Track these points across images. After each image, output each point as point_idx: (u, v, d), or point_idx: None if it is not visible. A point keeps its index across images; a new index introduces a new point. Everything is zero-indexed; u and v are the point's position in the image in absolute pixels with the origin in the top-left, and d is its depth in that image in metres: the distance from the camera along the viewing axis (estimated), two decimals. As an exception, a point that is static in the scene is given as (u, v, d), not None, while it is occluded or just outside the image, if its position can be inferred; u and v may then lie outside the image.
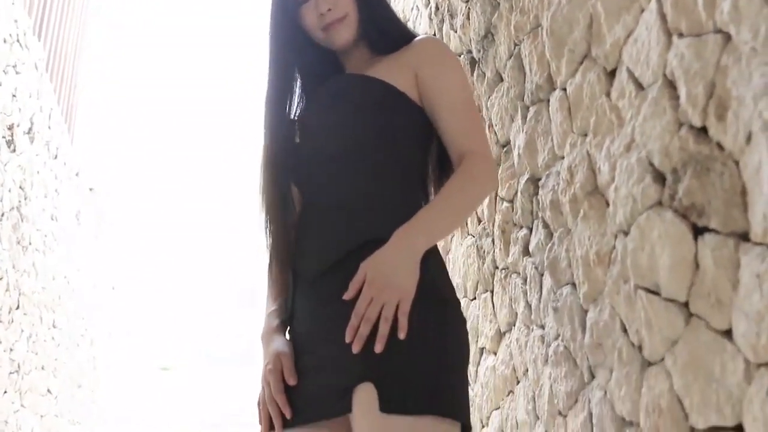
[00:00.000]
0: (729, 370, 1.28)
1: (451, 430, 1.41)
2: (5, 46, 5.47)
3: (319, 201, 1.64)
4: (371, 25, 1.76)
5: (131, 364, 11.39)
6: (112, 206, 10.02)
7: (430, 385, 1.40)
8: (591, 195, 1.84)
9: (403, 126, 1.66)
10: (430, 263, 1.51)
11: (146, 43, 12.00)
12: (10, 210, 5.70)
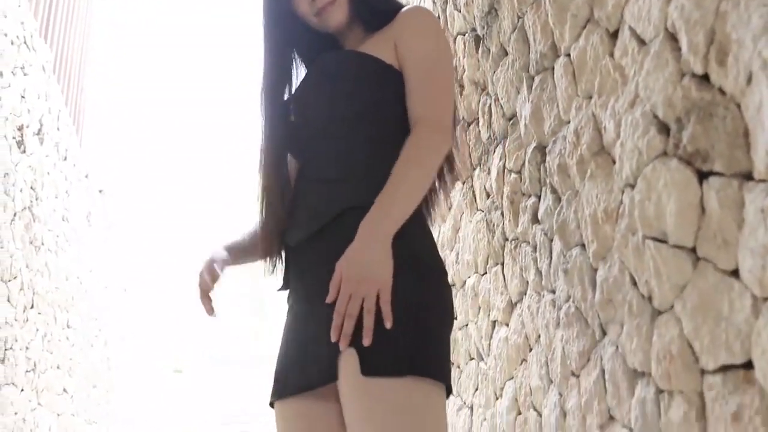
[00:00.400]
0: (737, 308, 1.31)
1: (432, 390, 1.45)
2: (13, 48, 5.52)
3: (308, 174, 1.68)
4: (362, 4, 1.78)
5: (144, 366, 11.43)
6: (122, 208, 10.07)
7: (410, 347, 1.43)
8: (597, 155, 1.88)
9: (387, 97, 1.66)
10: (408, 234, 1.53)
11: (151, 44, 12.04)
12: (22, 210, 5.75)
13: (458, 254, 3.31)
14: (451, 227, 3.42)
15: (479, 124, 2.97)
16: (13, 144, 5.53)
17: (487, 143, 2.86)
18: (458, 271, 3.31)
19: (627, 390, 1.74)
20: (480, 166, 2.95)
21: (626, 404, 1.75)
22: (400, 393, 1.41)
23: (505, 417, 2.66)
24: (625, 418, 1.76)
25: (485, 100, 2.87)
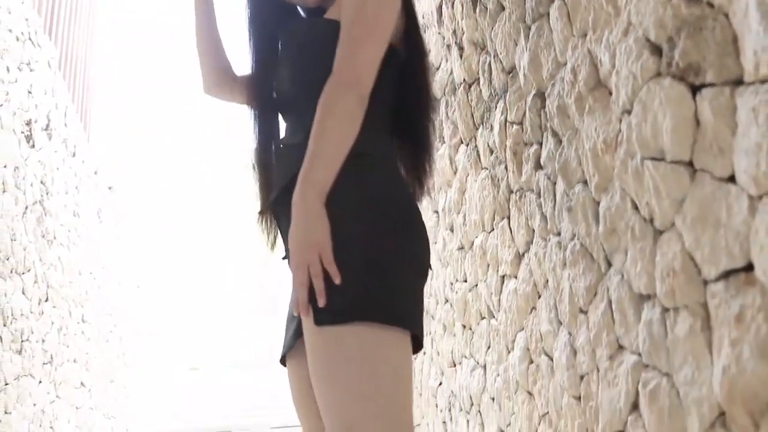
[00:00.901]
0: (734, 212, 1.34)
1: (388, 337, 1.45)
2: (18, 44, 5.58)
3: (283, 139, 1.73)
4: None
5: (160, 363, 11.51)
6: (132, 205, 10.14)
7: (360, 294, 1.45)
8: (594, 89, 1.91)
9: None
10: (349, 180, 1.53)
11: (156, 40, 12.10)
12: (33, 204, 5.81)
13: (465, 216, 3.34)
14: (457, 190, 3.45)
15: (480, 83, 3.00)
16: (22, 138, 5.58)
17: (489, 100, 2.89)
18: (466, 233, 3.35)
19: (634, 316, 1.77)
20: (483, 124, 2.98)
21: (633, 330, 1.78)
22: (348, 340, 1.43)
23: (517, 368, 2.69)
24: (633, 344, 1.79)
25: (485, 59, 2.90)
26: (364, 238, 1.50)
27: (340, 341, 1.43)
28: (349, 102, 1.54)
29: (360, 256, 1.48)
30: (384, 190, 1.58)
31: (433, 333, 4.28)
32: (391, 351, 1.45)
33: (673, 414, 1.59)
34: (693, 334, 1.49)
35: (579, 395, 2.15)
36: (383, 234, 1.52)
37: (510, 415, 2.83)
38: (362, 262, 1.48)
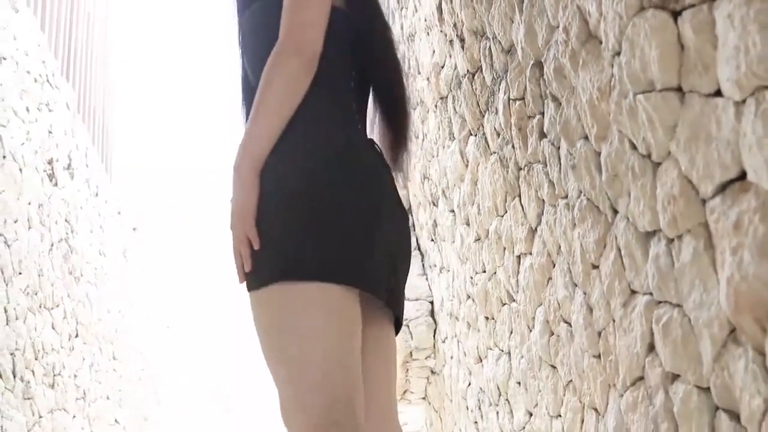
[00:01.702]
0: (723, 122, 1.36)
1: (307, 293, 1.44)
2: (36, 85, 5.73)
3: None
4: None
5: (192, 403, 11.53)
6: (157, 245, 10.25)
7: (273, 255, 1.46)
8: (586, 42, 1.95)
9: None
10: (282, 148, 1.54)
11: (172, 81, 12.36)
12: (59, 241, 5.92)
13: (479, 205, 3.37)
14: (469, 182, 3.49)
15: (483, 70, 3.05)
16: (45, 177, 5.70)
17: (492, 85, 2.93)
18: (481, 223, 3.37)
19: (642, 256, 1.79)
20: (488, 110, 3.03)
21: (643, 271, 1.80)
22: (269, 303, 1.45)
23: (539, 343, 2.71)
24: (643, 285, 1.80)
25: (485, 44, 2.96)
26: (270, 210, 1.49)
27: (263, 306, 1.46)
28: (289, 69, 1.53)
29: (279, 219, 1.48)
30: (312, 155, 1.55)
31: (458, 334, 4.29)
32: (307, 306, 1.43)
33: (687, 342, 1.60)
34: (697, 255, 1.51)
35: (598, 353, 2.16)
36: (303, 196, 1.50)
37: (536, 394, 2.83)
38: (281, 225, 1.48)
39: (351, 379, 1.43)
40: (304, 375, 1.40)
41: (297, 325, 1.42)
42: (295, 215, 1.48)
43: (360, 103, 1.71)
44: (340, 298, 1.45)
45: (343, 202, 1.51)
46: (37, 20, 6.02)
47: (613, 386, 2.08)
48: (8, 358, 4.61)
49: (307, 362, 1.41)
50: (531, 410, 2.93)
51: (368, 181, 1.57)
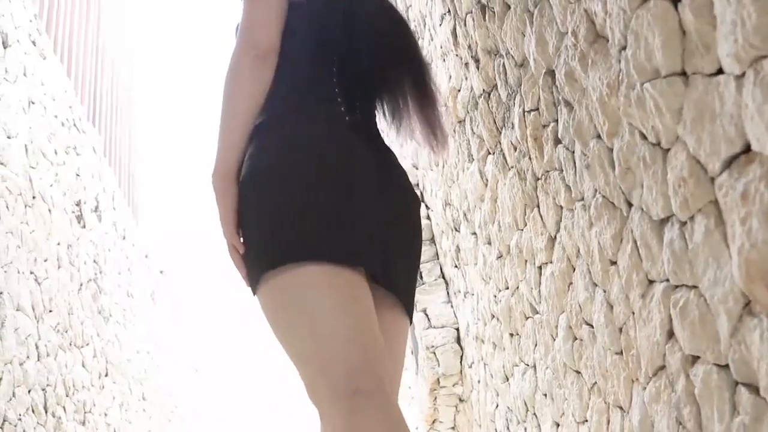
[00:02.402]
0: (725, 97, 1.41)
1: (287, 280, 1.46)
2: (64, 129, 5.89)
3: None
4: None
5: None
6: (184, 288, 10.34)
7: (254, 254, 1.54)
8: (594, 42, 2.01)
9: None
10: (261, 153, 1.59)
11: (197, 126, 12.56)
12: (88, 281, 6.02)
13: (499, 223, 3.42)
14: (489, 200, 3.54)
15: (497, 87, 3.12)
16: (73, 218, 5.82)
17: (507, 100, 3.00)
18: (502, 239, 3.42)
19: (657, 244, 1.83)
20: (504, 126, 3.09)
21: (659, 259, 1.83)
22: (267, 301, 1.50)
23: (562, 350, 2.73)
24: (660, 273, 1.84)
25: (499, 62, 3.03)
26: (253, 201, 1.55)
27: (266, 302, 1.51)
28: (240, 70, 1.58)
29: (252, 219, 1.55)
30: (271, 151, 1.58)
31: (484, 356, 4.30)
32: (295, 293, 1.45)
33: (704, 322, 1.63)
34: (708, 233, 1.55)
35: (620, 349, 2.19)
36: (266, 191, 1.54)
37: (562, 403, 2.85)
38: (254, 224, 1.54)
39: (366, 341, 1.42)
40: (317, 352, 1.42)
41: (297, 307, 1.45)
42: (261, 211, 1.53)
43: (348, 86, 1.72)
44: (328, 272, 1.46)
45: (306, 186, 1.53)
46: (64, 67, 6.20)
47: (636, 381, 2.10)
48: (40, 393, 4.68)
49: (317, 339, 1.42)
50: (558, 420, 2.94)
51: (333, 167, 1.57)
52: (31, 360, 4.59)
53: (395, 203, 1.71)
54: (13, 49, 4.85)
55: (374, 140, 1.76)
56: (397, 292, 1.65)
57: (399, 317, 1.68)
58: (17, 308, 4.50)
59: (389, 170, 1.74)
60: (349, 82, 1.75)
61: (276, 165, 1.56)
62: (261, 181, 1.55)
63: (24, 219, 4.79)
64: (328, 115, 1.68)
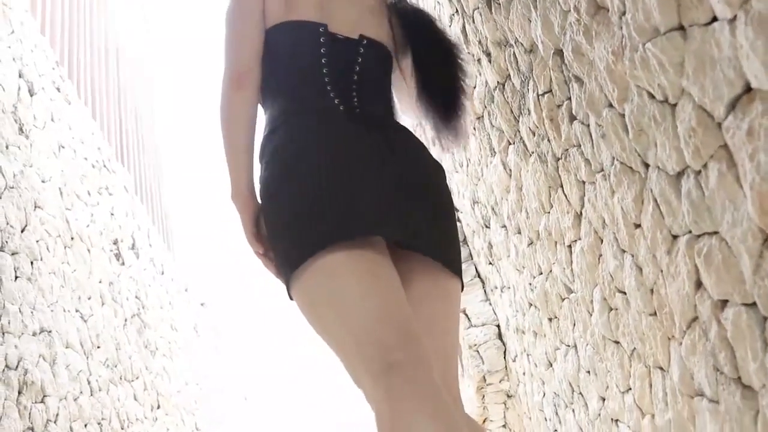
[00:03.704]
0: (722, 44, 1.48)
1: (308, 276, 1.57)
2: (95, 171, 6.04)
3: None
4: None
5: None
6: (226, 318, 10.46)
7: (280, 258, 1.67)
8: (596, 14, 2.08)
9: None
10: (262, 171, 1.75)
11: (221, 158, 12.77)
12: (132, 317, 6.15)
13: (527, 210, 3.48)
14: (515, 189, 3.60)
15: (511, 77, 3.19)
16: (112, 256, 5.96)
17: (521, 88, 3.07)
18: (531, 225, 3.48)
19: (676, 199, 1.89)
20: (521, 113, 3.16)
21: (679, 212, 1.89)
22: (299, 301, 1.61)
23: (600, 323, 2.78)
24: (682, 226, 1.89)
25: (509, 52, 3.11)
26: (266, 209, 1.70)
27: (300, 301, 1.61)
28: (223, 92, 1.77)
29: (269, 227, 1.69)
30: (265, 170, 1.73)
31: (527, 347, 4.35)
32: (317, 286, 1.55)
33: (728, 265, 1.69)
34: (722, 177, 1.61)
35: (654, 310, 2.24)
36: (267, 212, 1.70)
37: (605, 376, 2.89)
38: (271, 230, 1.69)
39: (392, 317, 1.49)
40: (348, 338, 1.49)
41: (323, 300, 1.54)
42: (274, 222, 1.67)
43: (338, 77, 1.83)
44: (342, 257, 1.54)
45: (304, 188, 1.64)
46: (89, 110, 6.37)
47: (672, 338, 2.15)
48: (96, 427, 4.79)
49: (345, 326, 1.50)
50: (603, 394, 2.98)
51: (325, 161, 1.67)
52: (84, 395, 4.71)
53: (407, 172, 1.74)
54: (38, 96, 5.01)
55: (375, 124, 1.82)
56: (433, 252, 1.70)
57: (441, 278, 1.71)
58: (66, 345, 4.62)
59: (394, 146, 1.79)
60: (340, 73, 1.86)
61: (277, 176, 1.69)
62: (269, 194, 1.69)
63: (65, 259, 4.93)
64: (319, 110, 1.79)
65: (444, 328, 1.72)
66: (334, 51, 1.86)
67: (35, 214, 4.58)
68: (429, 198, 1.76)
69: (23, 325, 4.00)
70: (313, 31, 1.86)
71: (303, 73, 1.84)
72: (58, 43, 6.00)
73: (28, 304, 4.16)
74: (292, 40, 1.86)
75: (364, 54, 1.89)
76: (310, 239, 1.57)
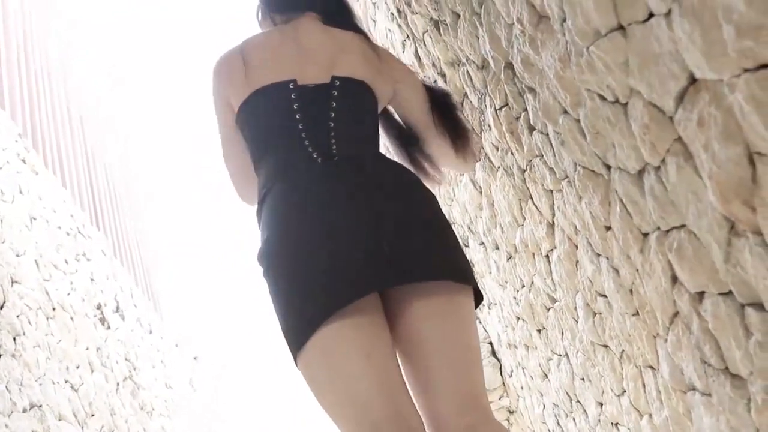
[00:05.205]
0: (660, 37, 1.48)
1: (303, 365, 1.71)
2: (70, 239, 6.00)
3: None
4: None
5: None
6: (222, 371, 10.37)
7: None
8: (539, 23, 2.09)
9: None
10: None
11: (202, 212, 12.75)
12: (124, 380, 6.07)
13: (500, 225, 3.47)
14: (487, 206, 3.60)
15: (468, 95, 3.20)
16: (96, 322, 5.90)
17: (479, 104, 3.08)
18: (507, 239, 3.47)
19: (641, 197, 1.88)
20: (482, 129, 3.16)
21: (645, 210, 1.89)
22: (302, 372, 1.72)
23: (586, 329, 2.76)
24: (650, 223, 1.89)
25: (463, 70, 3.12)
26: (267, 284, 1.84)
27: (302, 376, 1.72)
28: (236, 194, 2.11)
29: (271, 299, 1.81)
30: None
31: (521, 361, 4.32)
32: (313, 372, 1.68)
33: (699, 256, 1.68)
34: (680, 169, 1.61)
35: (635, 310, 2.23)
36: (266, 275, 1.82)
37: (599, 381, 2.87)
38: (273, 305, 1.80)
39: (385, 394, 1.64)
40: (344, 417, 1.64)
41: (317, 383, 1.69)
42: (270, 291, 1.80)
43: (314, 125, 1.90)
44: (329, 338, 1.66)
45: (284, 270, 1.77)
46: (58, 179, 6.34)
47: (657, 336, 2.14)
48: (100, 497, 4.71)
49: (342, 400, 1.65)
50: (600, 399, 2.96)
51: (300, 235, 1.77)
52: (83, 466, 4.63)
53: (392, 207, 1.81)
54: (4, 170, 4.98)
55: (354, 168, 1.84)
56: (430, 274, 1.73)
57: (443, 292, 1.76)
58: (59, 418, 4.55)
59: (375, 183, 1.82)
60: (315, 122, 1.88)
61: (265, 254, 1.81)
62: (263, 268, 1.82)
63: (48, 331, 4.87)
64: (299, 169, 1.85)
65: (456, 340, 1.78)
66: (307, 101, 1.89)
67: (13, 290, 4.53)
68: (417, 224, 1.79)
69: (12, 403, 3.94)
70: (283, 89, 1.91)
71: (281, 132, 1.90)
72: (20, 115, 5.98)
73: (15, 381, 4.10)
74: (264, 106, 1.92)
75: (338, 95, 1.92)
76: (302, 323, 1.68)
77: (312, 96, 1.89)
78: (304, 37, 2.00)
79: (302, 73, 1.90)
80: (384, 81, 2.03)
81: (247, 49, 2.00)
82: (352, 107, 1.92)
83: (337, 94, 1.90)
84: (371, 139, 1.97)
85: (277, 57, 1.94)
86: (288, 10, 2.13)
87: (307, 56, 1.94)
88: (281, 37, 2.02)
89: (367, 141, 1.95)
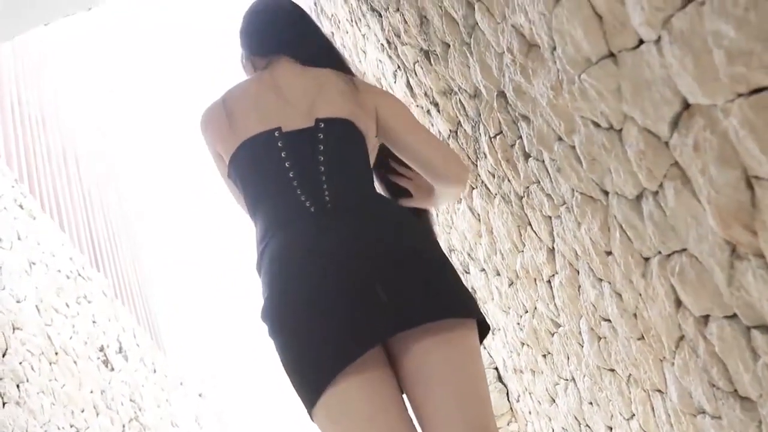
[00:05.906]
0: (652, 64, 1.48)
1: (318, 421, 1.73)
2: (70, 282, 5.98)
3: None
4: None
5: None
6: (227, 406, 10.30)
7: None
8: (529, 52, 2.09)
9: None
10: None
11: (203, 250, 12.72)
12: (129, 421, 6.03)
13: (501, 251, 3.46)
14: (486, 233, 3.59)
15: (462, 124, 3.20)
16: (100, 364, 5.87)
17: (473, 133, 3.08)
18: (508, 266, 3.46)
19: (639, 221, 1.88)
20: (478, 158, 3.17)
21: (645, 235, 1.88)
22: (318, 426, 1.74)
23: (592, 353, 2.74)
24: (650, 248, 1.88)
25: (455, 99, 3.12)
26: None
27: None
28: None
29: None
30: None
31: (527, 386, 4.29)
32: (328, 423, 1.70)
33: (702, 279, 1.67)
34: (679, 194, 1.60)
35: (641, 334, 2.21)
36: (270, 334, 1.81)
37: (608, 405, 2.85)
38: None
39: None
40: None
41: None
42: (276, 349, 1.80)
43: (305, 172, 1.88)
44: (324, 409, 1.69)
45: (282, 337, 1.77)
46: (56, 222, 6.33)
47: (663, 359, 2.12)
48: None
49: None
50: (609, 424, 2.93)
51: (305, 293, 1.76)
52: None
53: (389, 253, 1.79)
54: (1, 216, 4.98)
55: (348, 215, 1.84)
56: (431, 315, 1.71)
57: (445, 329, 1.73)
58: (66, 464, 4.51)
59: (373, 229, 1.82)
60: (305, 169, 1.87)
61: (267, 311, 1.80)
62: (267, 325, 1.82)
63: (51, 376, 4.84)
64: (292, 223, 1.84)
65: (461, 372, 1.78)
66: (294, 148, 1.88)
67: (15, 336, 4.51)
68: (413, 264, 1.78)
69: (17, 452, 3.90)
70: (269, 138, 1.90)
71: (272, 181, 1.89)
72: (15, 161, 5.99)
73: (20, 429, 4.06)
74: (252, 157, 1.91)
75: (324, 137, 1.91)
76: (309, 387, 1.70)
77: (298, 141, 1.88)
78: (282, 82, 1.99)
79: (286, 120, 1.89)
80: (366, 113, 2.01)
81: (228, 101, 2.00)
82: (339, 147, 1.91)
83: (323, 136, 1.89)
84: (363, 175, 1.95)
85: (258, 106, 1.93)
86: (267, 53, 2.12)
87: (287, 102, 1.93)
88: (259, 84, 2.00)
89: (359, 179, 1.93)
